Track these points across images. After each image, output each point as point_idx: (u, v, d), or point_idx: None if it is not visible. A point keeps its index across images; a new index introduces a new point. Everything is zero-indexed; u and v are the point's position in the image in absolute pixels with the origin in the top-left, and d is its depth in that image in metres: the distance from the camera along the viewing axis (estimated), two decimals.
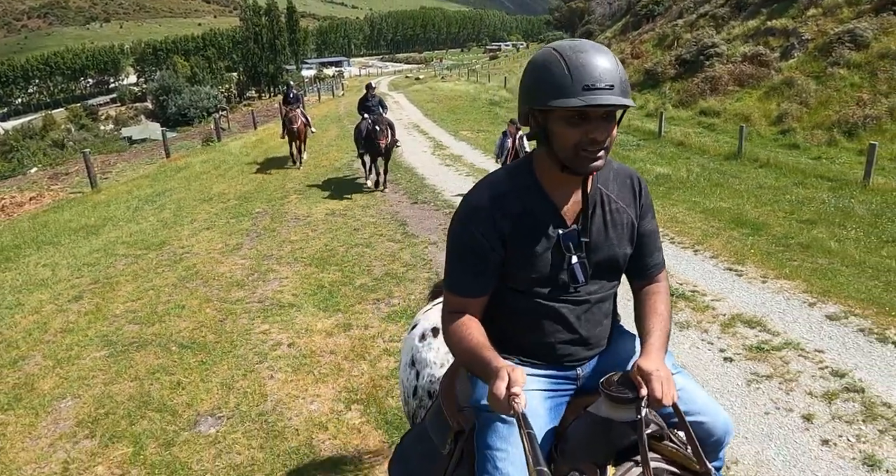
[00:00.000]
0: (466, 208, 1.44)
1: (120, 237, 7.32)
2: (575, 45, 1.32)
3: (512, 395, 1.14)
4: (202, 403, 3.39)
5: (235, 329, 4.38)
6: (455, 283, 1.45)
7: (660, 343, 1.39)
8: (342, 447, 2.92)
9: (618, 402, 1.24)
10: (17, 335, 4.53)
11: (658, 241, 1.57)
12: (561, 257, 1.41)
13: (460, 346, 1.38)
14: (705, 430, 1.45)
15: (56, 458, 3.01)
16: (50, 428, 3.28)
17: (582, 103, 1.23)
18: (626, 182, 1.50)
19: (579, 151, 1.30)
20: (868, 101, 15.12)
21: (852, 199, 8.62)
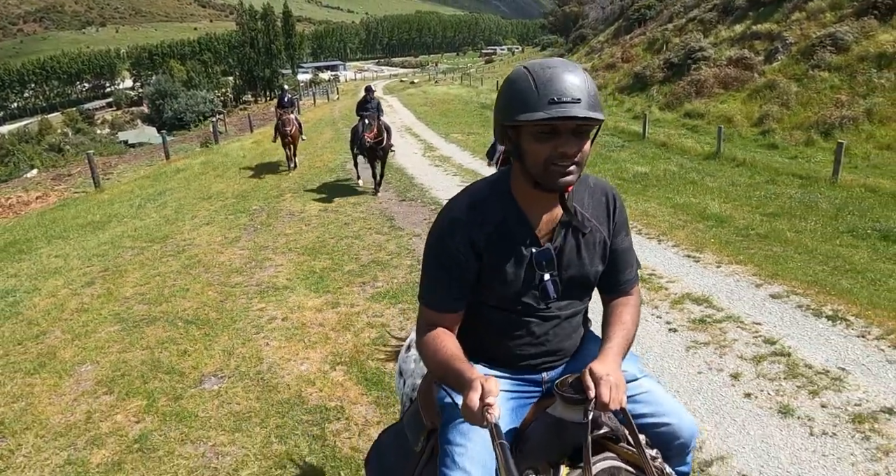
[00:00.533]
0: (443, 220, 1.46)
1: (125, 231, 7.80)
2: (544, 63, 1.34)
3: (485, 405, 1.15)
4: (206, 366, 3.87)
5: (235, 307, 4.87)
6: (431, 299, 1.47)
7: (617, 349, 1.40)
8: (327, 398, 3.41)
9: (568, 402, 1.27)
10: (37, 314, 5.01)
11: (631, 258, 1.58)
12: (532, 274, 1.43)
13: (434, 358, 1.40)
14: (670, 433, 1.47)
15: (80, 410, 3.48)
16: (72, 387, 3.75)
17: (546, 116, 1.25)
18: (601, 200, 1.51)
19: (549, 166, 1.31)
20: (846, 103, 15.48)
21: (819, 194, 9.10)
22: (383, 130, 9.37)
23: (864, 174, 10.85)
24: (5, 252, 7.24)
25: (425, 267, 1.49)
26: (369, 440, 3.05)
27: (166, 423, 3.27)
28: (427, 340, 1.43)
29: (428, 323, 1.47)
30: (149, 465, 2.94)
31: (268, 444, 3.03)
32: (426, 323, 1.47)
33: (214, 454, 2.99)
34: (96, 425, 3.31)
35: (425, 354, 1.44)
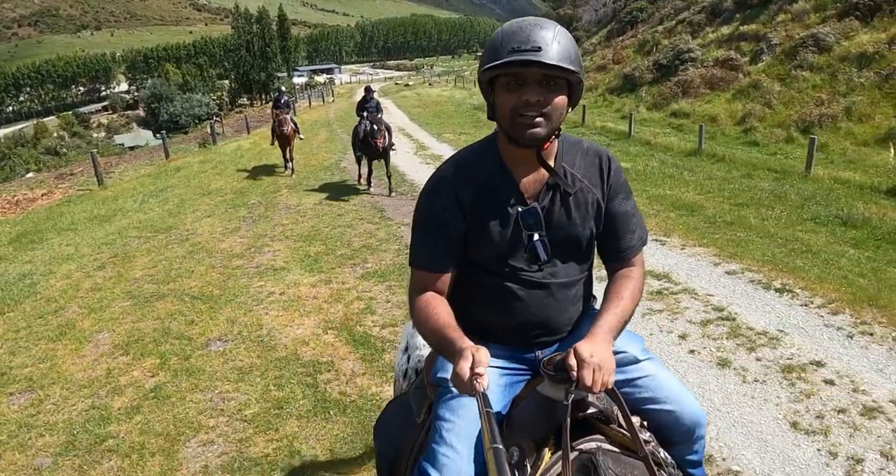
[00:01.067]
0: (431, 182, 1.48)
1: (131, 223, 8.25)
2: (518, 20, 1.37)
3: (475, 375, 1.15)
4: (212, 332, 4.33)
5: (237, 285, 5.32)
6: (419, 258, 1.47)
7: (607, 327, 1.36)
8: (319, 355, 3.87)
9: (552, 380, 1.26)
10: (54, 293, 5.46)
11: (633, 224, 1.54)
12: (520, 234, 1.42)
13: (426, 325, 1.39)
14: (673, 419, 1.45)
15: (100, 368, 3.93)
16: (92, 350, 4.20)
17: (504, 61, 1.27)
18: (594, 161, 1.49)
19: (515, 117, 1.31)
20: (826, 101, 15.87)
21: (790, 186, 9.58)
22: (386, 132, 9.38)
23: (838, 168, 11.32)
24: (18, 242, 7.68)
25: (414, 228, 1.49)
26: (356, 387, 3.51)
27: (178, 377, 3.72)
28: (419, 306, 1.43)
29: (419, 286, 1.46)
30: (164, 408, 3.39)
31: (267, 391, 3.49)
32: (417, 286, 1.47)
33: (221, 399, 3.45)
34: (115, 379, 3.76)
35: (417, 321, 1.43)
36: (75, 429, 3.26)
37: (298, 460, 2.84)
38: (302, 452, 2.89)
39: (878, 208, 7.85)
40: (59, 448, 3.11)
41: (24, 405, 3.56)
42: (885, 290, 4.93)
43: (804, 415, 3.27)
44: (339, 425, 3.10)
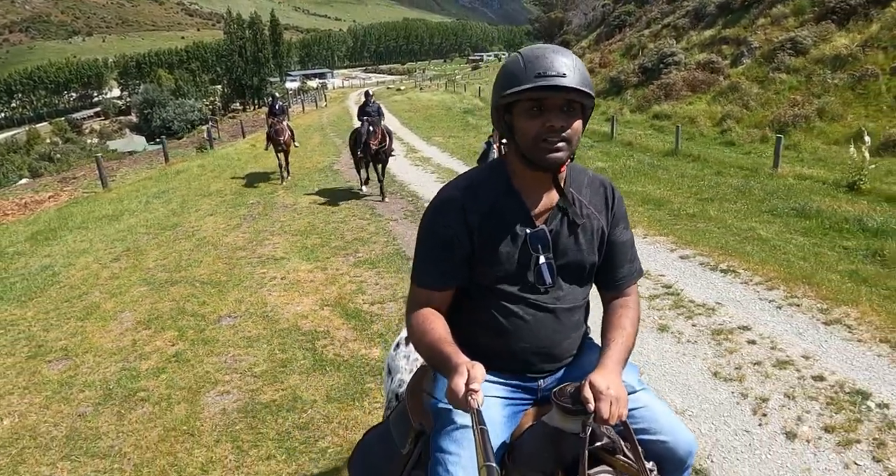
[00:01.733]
0: (438, 200, 1.48)
1: (138, 222, 8.84)
2: (536, 46, 1.40)
3: (470, 390, 1.15)
4: (222, 310, 4.95)
5: (241, 273, 5.94)
6: (421, 275, 1.48)
7: (617, 358, 1.38)
8: (316, 326, 4.49)
9: (567, 412, 1.26)
10: (76, 281, 6.06)
11: (630, 253, 1.59)
12: (528, 257, 1.43)
13: (423, 340, 1.40)
14: (667, 450, 1.45)
15: (126, 339, 4.54)
16: (117, 326, 4.81)
17: (531, 85, 1.30)
18: (599, 190, 1.53)
19: (539, 142, 1.34)
20: (801, 102, 16.40)
21: (756, 182, 10.23)
22: (385, 135, 9.51)
23: (807, 166, 11.99)
24: (34, 240, 8.26)
25: (418, 245, 1.50)
26: (349, 350, 4.13)
27: (195, 346, 4.33)
28: (416, 321, 1.44)
29: (418, 302, 1.48)
30: (185, 368, 4.00)
31: (273, 353, 4.11)
32: (416, 302, 1.48)
33: (233, 361, 4.06)
34: (141, 348, 4.37)
35: (414, 335, 1.44)
36: (110, 385, 3.86)
37: (300, 404, 3.46)
38: (303, 398, 3.51)
39: (833, 201, 8.49)
40: (98, 399, 3.71)
41: (63, 369, 4.16)
42: (820, 270, 5.58)
43: (725, 367, 3.91)
44: (334, 378, 3.72)
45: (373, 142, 9.17)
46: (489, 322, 1.47)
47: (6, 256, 7.43)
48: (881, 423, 3.14)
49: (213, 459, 2.99)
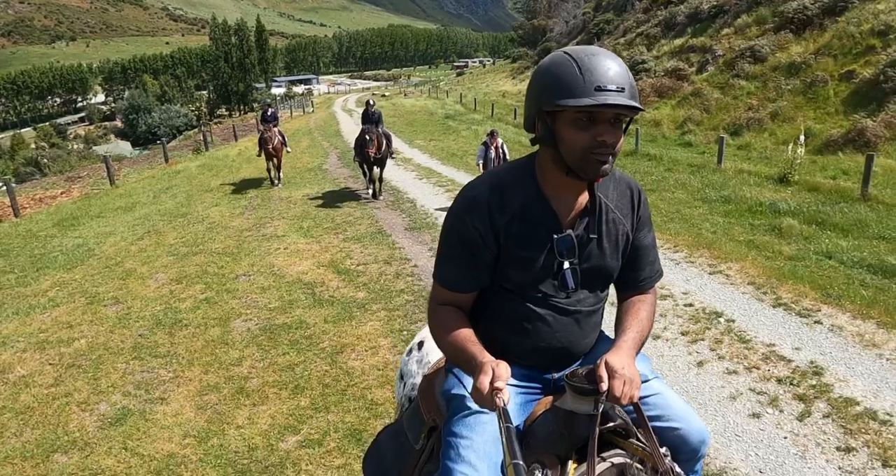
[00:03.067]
0: (464, 201, 1.44)
1: (151, 212, 10.05)
2: (587, 49, 1.33)
3: (495, 389, 1.16)
4: (238, 271, 6.21)
5: (250, 246, 7.20)
6: (445, 277, 1.48)
7: (632, 342, 1.39)
8: (314, 279, 5.78)
9: (579, 393, 1.26)
10: (110, 254, 7.29)
11: (651, 256, 1.57)
12: (553, 261, 1.42)
13: (446, 338, 1.41)
14: (679, 438, 1.46)
15: (164, 291, 5.78)
16: (154, 283, 6.05)
17: (594, 102, 1.25)
18: (625, 192, 1.51)
19: (588, 155, 1.30)
20: (756, 106, 17.72)
21: (700, 177, 11.57)
22: (383, 142, 9.84)
23: (752, 163, 13.36)
24: (60, 226, 9.43)
25: (442, 245, 1.49)
26: (339, 293, 5.37)
27: (220, 293, 5.58)
28: (440, 321, 1.45)
29: (440, 301, 1.49)
30: (215, 307, 5.25)
31: (281, 297, 5.37)
32: (438, 301, 1.49)
33: (252, 301, 5.32)
34: (177, 296, 5.61)
35: (437, 333, 1.45)
36: (158, 317, 5.11)
37: (305, 324, 4.72)
38: (307, 322, 4.77)
39: (760, 190, 9.85)
40: (150, 326, 4.95)
41: (118, 310, 5.39)
42: (722, 239, 6.91)
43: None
44: (329, 310, 4.99)
45: (371, 150, 9.52)
46: (510, 321, 1.48)
47: (40, 238, 8.63)
48: (724, 330, 4.46)
49: (244, 356, 4.24)
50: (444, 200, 9.28)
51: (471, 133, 20.10)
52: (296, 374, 3.88)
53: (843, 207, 8.34)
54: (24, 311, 5.50)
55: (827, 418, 3.28)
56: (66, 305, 5.59)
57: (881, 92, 14.27)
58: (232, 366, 4.09)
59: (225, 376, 3.94)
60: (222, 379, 3.90)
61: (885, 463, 2.92)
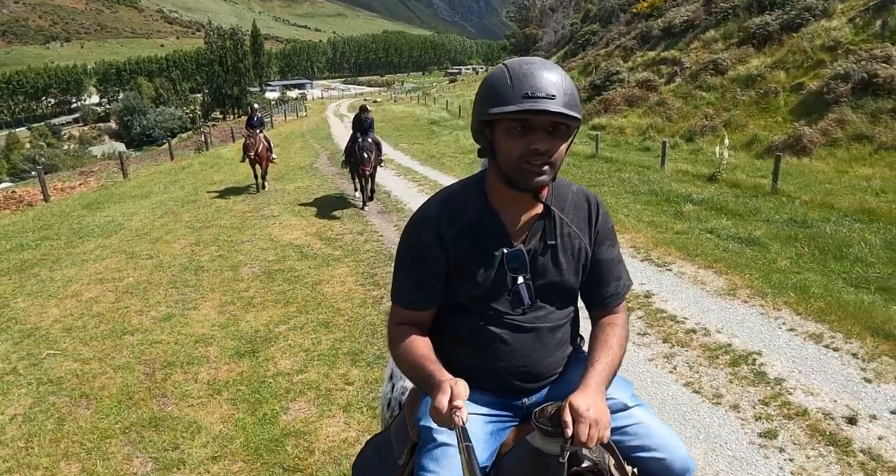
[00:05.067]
0: (415, 219, 1.46)
1: (165, 198, 11.77)
2: (523, 60, 1.33)
3: (454, 408, 1.15)
4: (243, 238, 7.98)
5: (251, 222, 8.99)
6: (401, 295, 1.48)
7: (599, 378, 1.35)
8: (302, 243, 7.54)
9: (545, 434, 1.24)
10: (137, 227, 9.06)
11: (617, 271, 1.55)
12: (505, 277, 1.41)
13: (405, 358, 1.40)
14: (662, 468, 1.44)
15: (186, 250, 7.55)
16: (177, 245, 7.80)
17: (518, 108, 1.25)
18: (582, 206, 1.49)
19: (522, 164, 1.30)
20: (711, 115, 19.19)
21: (642, 176, 13.23)
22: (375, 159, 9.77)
23: (696, 165, 15.04)
24: (87, 208, 11.14)
25: (397, 264, 1.50)
26: (321, 251, 7.09)
27: (230, 252, 7.35)
28: (398, 339, 1.44)
29: (399, 321, 1.48)
30: (227, 260, 7.01)
31: (277, 254, 7.16)
32: (397, 321, 1.49)
33: (254, 256, 7.10)
34: (197, 253, 7.37)
35: (396, 354, 1.44)
36: (185, 265, 6.88)
37: (294, 270, 6.49)
38: (295, 268, 6.53)
39: (687, 186, 11.52)
40: (178, 270, 6.70)
41: (153, 262, 7.15)
42: (629, 219, 8.61)
43: None
44: (312, 261, 6.77)
45: (367, 168, 9.47)
46: (468, 340, 1.47)
47: (74, 217, 10.35)
48: None
49: (250, 287, 5.99)
50: (415, 192, 10.99)
51: (451, 138, 21.76)
52: (286, 296, 5.63)
53: (748, 199, 10.05)
54: (79, 263, 7.27)
55: (640, 320, 5.00)
56: (111, 259, 7.33)
57: (824, 102, 15.39)
58: (242, 291, 5.84)
59: (237, 297, 5.69)
60: (235, 298, 5.65)
61: (664, 340, 4.64)
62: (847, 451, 3.07)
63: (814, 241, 7.21)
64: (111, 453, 3.21)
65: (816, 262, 6.47)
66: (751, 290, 5.52)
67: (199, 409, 3.58)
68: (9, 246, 8.31)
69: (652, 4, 29.48)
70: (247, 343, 4.58)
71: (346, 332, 4.67)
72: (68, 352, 4.63)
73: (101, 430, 3.45)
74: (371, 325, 4.78)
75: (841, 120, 14.40)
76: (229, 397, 3.73)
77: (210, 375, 4.04)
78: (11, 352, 4.71)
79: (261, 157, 11.71)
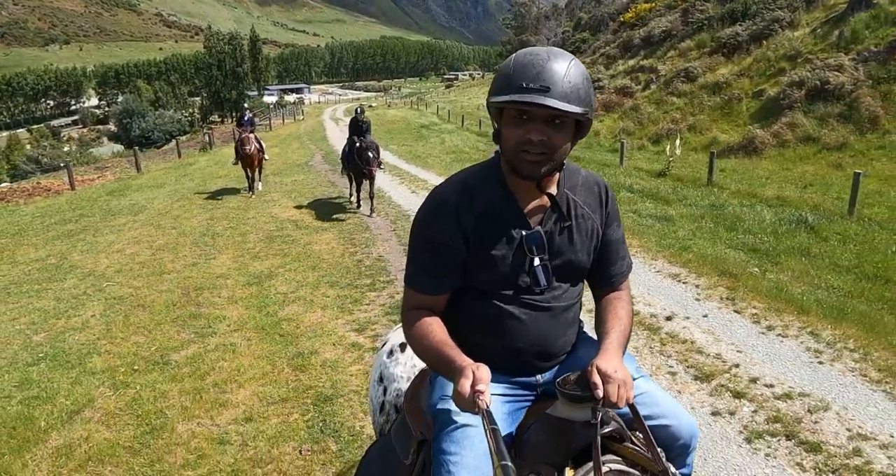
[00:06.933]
0: (432, 203, 1.47)
1: (177, 189, 13.47)
2: (531, 50, 1.35)
3: (476, 392, 1.15)
4: (248, 216, 9.77)
5: (255, 204, 10.74)
6: (416, 280, 1.49)
7: (618, 343, 1.39)
8: (297, 218, 9.33)
9: (574, 400, 1.25)
10: (159, 208, 10.78)
11: (622, 250, 1.60)
12: (523, 258, 1.44)
13: (422, 343, 1.41)
14: (670, 434, 1.47)
15: (203, 223, 9.34)
16: (195, 220, 9.57)
17: (508, 99, 1.28)
18: (593, 189, 1.54)
19: (518, 152, 1.33)
20: (678, 119, 20.39)
21: (602, 172, 14.90)
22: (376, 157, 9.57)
23: (653, 164, 16.69)
24: (112, 195, 12.85)
25: (412, 249, 1.51)
26: (313, 223, 8.78)
27: (239, 224, 9.14)
28: (415, 326, 1.45)
29: (413, 306, 1.50)
30: (237, 230, 8.75)
31: (276, 225, 8.93)
32: (411, 306, 1.50)
33: (259, 227, 8.88)
34: (212, 225, 9.15)
35: (413, 340, 1.46)
36: (203, 232, 8.69)
37: (290, 235, 8.20)
38: (292, 235, 8.28)
39: (635, 179, 13.14)
40: (198, 236, 8.45)
41: (176, 231, 8.86)
42: None
43: None
44: (305, 230, 8.54)
45: (372, 168, 9.38)
46: (484, 323, 1.49)
47: (100, 201, 12.08)
48: None
49: (255, 246, 7.76)
50: (396, 185, 12.66)
51: (438, 140, 23.34)
52: (284, 251, 7.40)
53: (683, 190, 11.70)
54: (115, 231, 9.06)
55: None
56: (142, 229, 9.10)
57: (780, 107, 16.14)
58: (249, 249, 7.59)
59: (246, 252, 7.46)
60: (244, 253, 7.40)
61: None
62: (656, 332, 4.76)
63: (717, 218, 8.86)
64: (165, 330, 4.93)
65: (710, 232, 8.11)
66: (642, 248, 7.21)
67: (223, 310, 5.29)
68: (53, 220, 10.09)
69: (637, 14, 30.85)
70: (254, 278, 6.29)
71: (327, 271, 6.38)
72: (122, 283, 6.31)
73: (156, 320, 5.15)
74: (346, 267, 6.51)
75: (792, 123, 15.42)
76: (243, 304, 5.43)
77: (229, 294, 5.75)
78: (79, 284, 6.44)
79: (252, 157, 11.69)
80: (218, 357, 4.30)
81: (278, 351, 4.37)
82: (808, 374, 4.07)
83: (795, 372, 4.12)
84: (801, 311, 5.11)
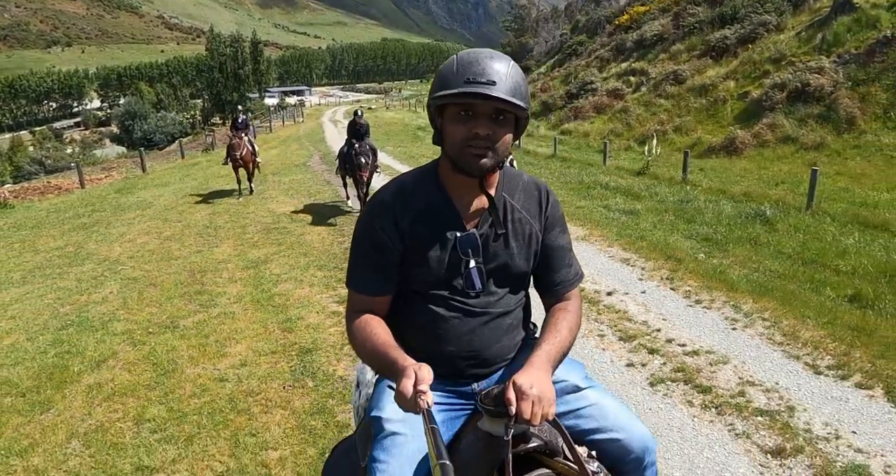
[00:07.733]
0: (371, 205, 1.50)
1: (182, 187, 14.29)
2: (473, 50, 1.39)
3: (418, 392, 1.16)
4: (248, 211, 10.56)
5: (255, 201, 11.52)
6: (356, 280, 1.51)
7: (546, 356, 1.37)
8: (294, 214, 10.07)
9: (490, 415, 1.26)
10: (166, 204, 11.57)
11: (568, 258, 1.59)
12: (458, 261, 1.46)
13: (365, 345, 1.42)
14: (620, 448, 1.45)
15: (205, 218, 10.14)
16: (199, 214, 10.38)
17: (459, 91, 1.30)
18: (533, 193, 1.54)
19: (464, 148, 1.35)
20: (665, 121, 20.35)
21: (582, 171, 15.55)
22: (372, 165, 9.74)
23: (635, 164, 17.39)
24: (120, 192, 13.66)
25: (352, 250, 1.53)
26: (305, 214, 9.55)
27: (239, 218, 9.92)
28: (357, 327, 1.46)
29: (356, 308, 1.51)
30: (237, 223, 9.60)
31: (273, 219, 9.72)
32: (354, 309, 1.51)
33: (257, 220, 9.68)
34: (215, 219, 9.96)
35: (356, 343, 1.45)
36: (206, 225, 9.50)
37: (285, 227, 9.03)
38: (287, 226, 9.10)
39: (613, 177, 13.73)
40: (201, 228, 9.26)
41: (182, 224, 9.64)
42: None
43: None
44: (298, 223, 9.34)
45: (364, 173, 9.47)
46: (420, 325, 1.50)
47: (110, 198, 12.90)
48: None
49: (254, 237, 8.54)
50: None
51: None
52: (279, 240, 8.20)
53: (657, 187, 12.40)
54: (126, 224, 9.87)
55: None
56: (150, 222, 9.92)
57: (762, 108, 16.58)
58: (248, 239, 8.41)
59: (245, 241, 8.28)
60: (244, 242, 8.21)
61: None
62: (596, 304, 5.51)
63: (679, 212, 9.57)
64: (174, 303, 5.75)
65: (670, 224, 8.80)
66: (602, 238, 7.95)
67: (224, 287, 6.11)
68: (68, 215, 10.94)
69: (632, 17, 31.02)
70: (252, 262, 7.09)
71: (317, 257, 7.17)
72: (135, 267, 7.12)
73: (166, 295, 5.96)
74: (333, 254, 7.32)
75: (773, 124, 15.99)
76: (242, 283, 6.25)
77: (229, 275, 6.57)
78: (96, 268, 7.27)
79: (245, 160, 11.64)
80: (219, 322, 5.10)
81: (270, 317, 5.16)
82: (720, 337, 4.80)
83: (709, 336, 4.85)
84: (730, 289, 5.82)
